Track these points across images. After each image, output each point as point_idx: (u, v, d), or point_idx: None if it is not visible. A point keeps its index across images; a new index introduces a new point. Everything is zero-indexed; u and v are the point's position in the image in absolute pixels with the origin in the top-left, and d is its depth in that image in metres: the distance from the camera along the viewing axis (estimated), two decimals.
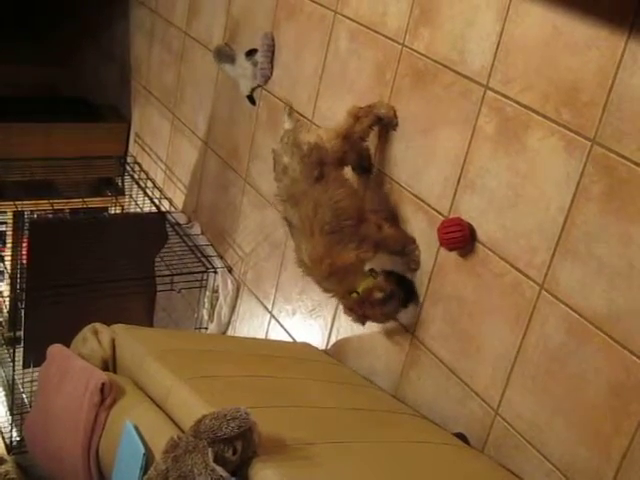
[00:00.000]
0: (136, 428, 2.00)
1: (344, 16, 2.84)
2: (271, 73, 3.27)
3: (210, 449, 1.70)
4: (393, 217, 2.63)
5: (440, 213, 2.47)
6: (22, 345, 3.54)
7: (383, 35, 2.66)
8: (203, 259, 3.65)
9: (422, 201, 2.53)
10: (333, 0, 2.89)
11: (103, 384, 2.12)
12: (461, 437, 2.42)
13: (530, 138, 2.18)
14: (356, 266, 2.44)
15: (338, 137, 2.51)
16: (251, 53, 3.31)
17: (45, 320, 3.16)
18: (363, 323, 2.52)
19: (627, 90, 1.94)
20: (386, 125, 2.64)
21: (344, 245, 2.42)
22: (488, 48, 2.29)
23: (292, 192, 2.44)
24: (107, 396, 2.13)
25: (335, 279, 2.45)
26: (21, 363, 3.50)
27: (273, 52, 3.25)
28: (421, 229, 2.55)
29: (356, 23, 2.78)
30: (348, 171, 2.64)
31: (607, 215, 2.00)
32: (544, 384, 2.20)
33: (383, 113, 2.61)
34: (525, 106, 2.19)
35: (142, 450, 1.94)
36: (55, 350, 2.38)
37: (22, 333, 3.53)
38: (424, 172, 2.52)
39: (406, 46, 2.57)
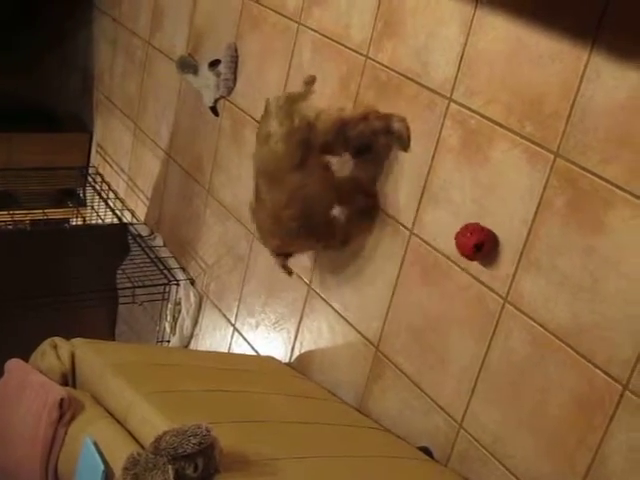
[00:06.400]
0: (95, 444, 1.97)
1: (308, 27, 2.83)
2: (234, 84, 3.26)
3: (170, 466, 1.67)
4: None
5: (404, 226, 2.46)
6: None
7: (347, 47, 2.66)
8: (165, 271, 3.61)
9: (385, 213, 2.52)
10: (297, 11, 2.88)
11: (62, 399, 2.08)
12: (425, 451, 2.41)
13: (494, 150, 2.18)
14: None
15: (334, 125, 2.39)
16: (214, 64, 3.29)
17: (3, 333, 3.11)
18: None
19: (590, 103, 1.94)
20: (392, 142, 2.47)
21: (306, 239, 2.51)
22: (452, 60, 2.29)
23: (269, 168, 2.41)
24: (66, 412, 2.09)
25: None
26: None
27: (236, 63, 3.24)
28: (384, 241, 2.54)
29: (320, 35, 2.77)
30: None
31: (570, 228, 2.00)
32: (508, 397, 2.19)
33: (396, 127, 2.43)
34: (489, 118, 2.19)
35: (101, 467, 1.90)
36: (13, 365, 2.33)
37: None
38: (388, 185, 2.51)
39: (370, 58, 2.57)
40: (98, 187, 4.40)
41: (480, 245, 2.18)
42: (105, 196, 4.30)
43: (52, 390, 2.13)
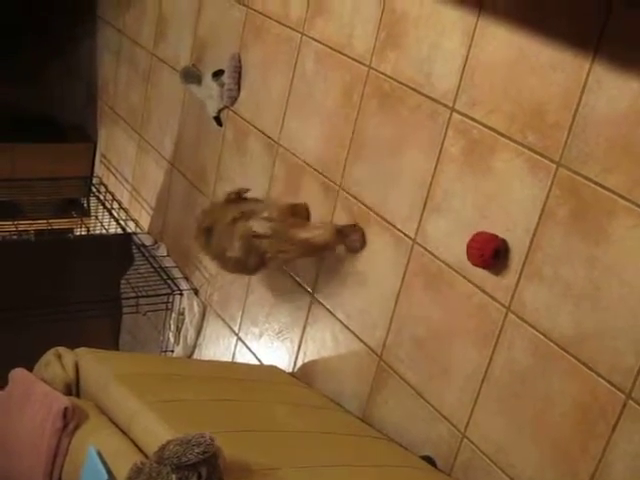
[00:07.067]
0: (99, 453, 1.97)
1: (311, 38, 2.84)
2: (238, 94, 3.27)
3: (174, 475, 1.67)
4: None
5: (407, 235, 2.47)
6: None
7: (350, 57, 2.67)
8: (169, 281, 3.62)
9: (388, 223, 2.53)
10: (300, 22, 2.89)
11: (66, 409, 2.09)
12: (428, 460, 2.41)
13: (496, 160, 2.19)
14: None
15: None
16: (218, 74, 3.30)
17: (7, 343, 3.11)
18: None
19: (592, 112, 1.95)
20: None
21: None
22: (454, 70, 2.30)
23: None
24: (70, 421, 2.10)
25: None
26: None
27: (240, 73, 3.25)
28: (387, 251, 2.54)
29: (323, 45, 2.78)
30: None
31: (573, 237, 2.00)
32: (511, 406, 2.19)
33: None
34: (491, 128, 2.20)
35: (105, 476, 1.90)
36: (17, 374, 2.34)
37: None
38: (390, 194, 2.52)
39: (372, 68, 2.57)
40: (102, 197, 4.40)
41: (499, 251, 2.17)
42: (109, 206, 4.30)
43: (56, 399, 2.13)
